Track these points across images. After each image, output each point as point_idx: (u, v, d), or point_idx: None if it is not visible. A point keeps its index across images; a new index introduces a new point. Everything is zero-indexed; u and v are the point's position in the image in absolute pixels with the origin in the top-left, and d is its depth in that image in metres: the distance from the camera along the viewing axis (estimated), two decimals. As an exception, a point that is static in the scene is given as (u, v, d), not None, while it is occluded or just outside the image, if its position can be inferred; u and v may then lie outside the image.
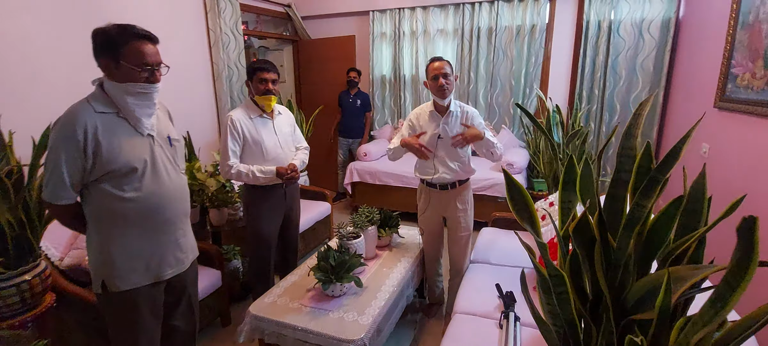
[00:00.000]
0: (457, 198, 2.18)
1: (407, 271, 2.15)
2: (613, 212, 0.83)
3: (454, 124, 2.10)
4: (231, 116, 2.04)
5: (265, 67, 2.07)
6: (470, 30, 4.12)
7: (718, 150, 2.46)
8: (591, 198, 0.81)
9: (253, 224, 2.19)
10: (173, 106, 3.08)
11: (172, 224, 1.48)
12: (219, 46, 3.68)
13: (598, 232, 0.75)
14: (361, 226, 2.19)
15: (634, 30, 3.51)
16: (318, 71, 4.85)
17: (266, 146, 2.11)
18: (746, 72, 2.16)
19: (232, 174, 2.03)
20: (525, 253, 2.25)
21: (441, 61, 2.03)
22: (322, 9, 4.70)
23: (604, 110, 3.71)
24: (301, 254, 3.09)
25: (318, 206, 3.27)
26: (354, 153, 4.40)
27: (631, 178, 0.80)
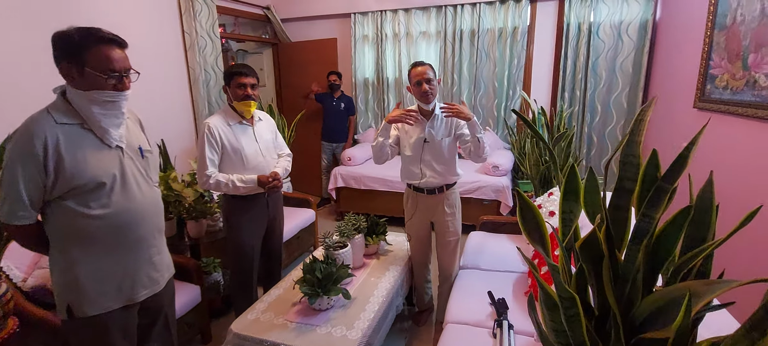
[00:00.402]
0: (445, 202, 2.14)
1: (396, 279, 2.09)
2: (616, 222, 0.79)
3: (439, 127, 2.07)
4: (208, 123, 1.94)
5: (244, 71, 1.97)
6: (453, 32, 4.10)
7: (698, 150, 2.48)
8: (597, 211, 0.77)
9: (234, 236, 2.09)
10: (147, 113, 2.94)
11: (144, 241, 1.38)
12: (195, 49, 3.55)
13: (606, 247, 0.71)
14: (347, 235, 2.12)
15: (613, 32, 3.57)
16: (299, 75, 4.75)
17: (246, 154, 2.01)
18: (725, 73, 2.20)
19: (210, 184, 1.93)
20: (515, 257, 2.25)
21: (423, 65, 1.98)
22: (303, 11, 4.60)
23: (585, 111, 3.75)
24: (285, 264, 2.99)
25: (302, 214, 3.18)
26: (338, 158, 4.32)
27: (637, 187, 0.76)
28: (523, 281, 2.03)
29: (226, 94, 2.04)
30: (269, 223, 2.19)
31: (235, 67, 1.99)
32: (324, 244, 2.01)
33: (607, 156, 3.78)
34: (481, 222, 2.69)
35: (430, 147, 2.05)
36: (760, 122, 1.86)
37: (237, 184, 1.95)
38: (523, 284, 2.00)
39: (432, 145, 2.05)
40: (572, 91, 3.79)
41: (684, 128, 2.63)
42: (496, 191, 3.36)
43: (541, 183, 2.69)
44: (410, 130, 2.10)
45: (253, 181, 1.97)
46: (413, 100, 2.16)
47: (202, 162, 1.93)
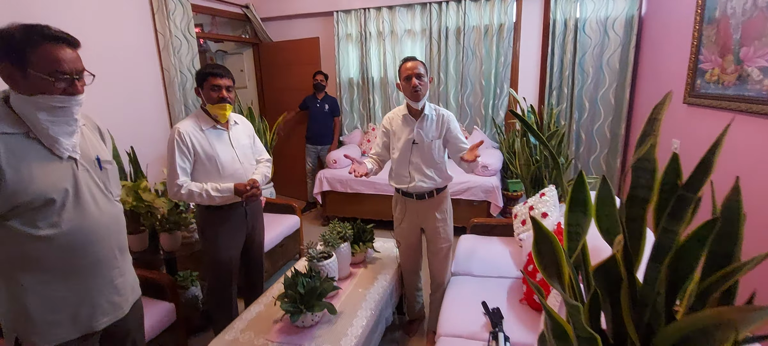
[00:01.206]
0: (436, 208, 2.04)
1: (385, 289, 1.99)
2: (631, 237, 0.70)
3: (429, 129, 1.97)
4: (178, 129, 1.79)
5: (217, 72, 1.83)
6: (438, 30, 4.01)
7: (689, 146, 2.47)
8: (613, 227, 0.67)
9: (210, 250, 1.95)
10: (117, 118, 2.77)
11: (104, 263, 1.24)
12: (169, 50, 3.37)
13: (625, 270, 0.62)
14: (332, 244, 2.00)
15: (599, 28, 3.53)
16: (282, 76, 4.60)
17: (222, 161, 1.87)
18: (715, 67, 2.16)
19: (182, 195, 1.78)
20: (509, 261, 2.15)
21: (414, 61, 1.91)
22: (283, 10, 4.45)
23: (573, 109, 3.71)
24: (269, 274, 2.85)
25: (285, 220, 3.04)
26: (323, 160, 4.18)
27: (654, 196, 0.67)
28: (517, 287, 1.95)
29: (199, 97, 1.89)
30: (248, 234, 2.06)
31: (208, 68, 1.85)
32: (307, 255, 1.89)
33: (594, 154, 3.75)
34: (471, 225, 2.60)
35: (419, 149, 1.95)
36: (756, 117, 1.82)
37: (211, 193, 1.81)
38: (517, 291, 1.91)
39: (421, 147, 1.95)
40: (560, 88, 3.75)
41: (674, 124, 2.59)
42: (485, 192, 3.28)
43: (532, 183, 2.62)
44: (398, 130, 2.00)
45: (229, 190, 1.84)
46: (400, 98, 2.06)
47: (172, 171, 1.79)
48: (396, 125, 2.02)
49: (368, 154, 2.04)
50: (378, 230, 3.67)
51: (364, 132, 4.54)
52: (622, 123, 3.53)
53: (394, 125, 2.03)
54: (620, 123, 3.54)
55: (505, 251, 2.32)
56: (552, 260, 0.66)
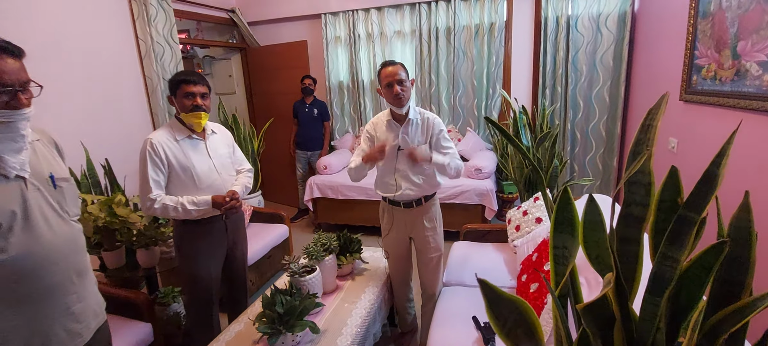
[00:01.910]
0: (424, 216, 1.95)
1: (373, 303, 1.89)
2: (625, 260, 0.61)
3: (414, 134, 1.89)
4: (150, 140, 1.69)
5: (191, 78, 1.74)
6: (428, 30, 3.93)
7: (687, 144, 2.38)
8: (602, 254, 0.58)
9: (187, 267, 1.85)
10: (95, 129, 2.68)
11: (58, 289, 1.14)
12: (151, 57, 3.28)
13: (618, 308, 0.53)
14: (316, 256, 1.90)
15: (592, 25, 3.45)
16: (270, 80, 4.51)
17: (198, 172, 1.77)
18: (712, 63, 2.07)
19: (155, 210, 1.69)
20: (503, 270, 2.05)
21: (394, 65, 1.80)
22: (270, 13, 4.36)
23: (567, 108, 3.63)
24: (256, 286, 2.76)
25: (273, 230, 2.95)
26: (314, 166, 4.09)
27: (650, 215, 0.58)
28: (510, 298, 1.85)
29: (173, 105, 1.80)
30: (229, 248, 1.96)
31: (180, 75, 1.76)
32: (288, 270, 1.79)
33: (591, 154, 3.66)
34: (464, 231, 2.51)
35: (405, 155, 1.84)
36: (756, 114, 1.73)
37: (187, 207, 1.71)
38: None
39: (406, 153, 1.84)
40: (553, 87, 3.67)
41: (671, 122, 2.50)
42: (479, 195, 3.19)
43: (526, 187, 2.53)
44: (383, 136, 1.91)
45: (206, 202, 1.74)
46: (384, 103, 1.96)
47: (145, 184, 1.69)
48: (380, 131, 1.93)
49: (352, 158, 1.95)
50: (370, 237, 3.59)
51: (356, 136, 4.45)
52: (618, 121, 3.45)
53: (378, 131, 1.94)
54: (616, 121, 3.46)
55: (499, 259, 2.24)
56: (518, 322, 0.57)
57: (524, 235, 2.16)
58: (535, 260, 1.71)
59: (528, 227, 2.17)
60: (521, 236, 2.17)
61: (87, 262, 1.28)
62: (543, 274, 1.48)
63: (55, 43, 2.55)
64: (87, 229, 2.09)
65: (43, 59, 2.46)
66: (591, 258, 0.58)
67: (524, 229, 2.18)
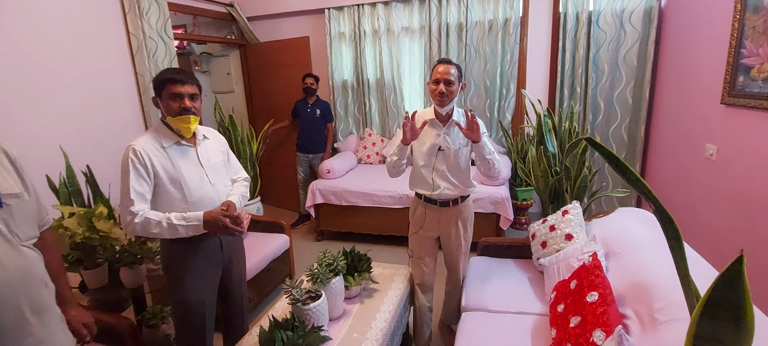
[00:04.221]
0: (458, 216, 1.94)
1: (387, 330, 1.67)
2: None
3: (456, 136, 1.86)
4: (133, 147, 1.47)
5: (177, 77, 1.51)
6: (438, 27, 3.70)
7: (729, 152, 2.16)
8: None
9: (177, 292, 1.62)
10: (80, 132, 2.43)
11: (8, 331, 0.94)
12: (143, 52, 3.06)
13: None
14: (321, 280, 1.68)
15: (615, 21, 3.22)
16: (270, 78, 4.28)
17: (188, 183, 1.55)
18: (765, 62, 1.85)
19: (136, 226, 1.45)
20: (530, 293, 1.78)
21: (447, 64, 1.78)
22: (271, 8, 4.13)
23: (587, 110, 3.41)
24: (254, 304, 2.54)
25: (272, 241, 2.72)
26: (316, 170, 3.86)
27: None
28: (543, 328, 1.63)
29: (158, 108, 1.57)
30: (225, 268, 1.74)
31: (166, 73, 1.52)
32: (289, 296, 1.57)
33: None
34: (482, 246, 2.29)
35: (445, 156, 1.86)
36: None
37: (174, 223, 1.47)
38: (544, 333, 1.60)
39: (447, 154, 1.85)
40: (572, 87, 3.44)
41: (711, 128, 2.28)
42: (494, 203, 2.97)
43: (551, 198, 2.31)
44: (424, 135, 1.89)
45: (197, 219, 1.50)
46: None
47: (126, 197, 1.45)
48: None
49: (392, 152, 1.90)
50: (377, 247, 3.38)
51: (360, 138, 4.23)
52: (641, 125, 3.23)
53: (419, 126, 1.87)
54: (639, 125, 3.24)
55: (523, 278, 2.02)
56: None
57: (552, 253, 1.94)
58: (575, 289, 1.49)
59: (556, 244, 1.95)
60: (549, 255, 1.95)
61: (47, 296, 1.07)
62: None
63: (39, 40, 2.33)
64: (64, 245, 1.87)
65: (21, 54, 2.23)
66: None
67: (552, 246, 1.96)
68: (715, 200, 2.25)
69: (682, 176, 2.62)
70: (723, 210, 2.18)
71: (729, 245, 2.09)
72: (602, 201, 3.31)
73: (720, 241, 2.17)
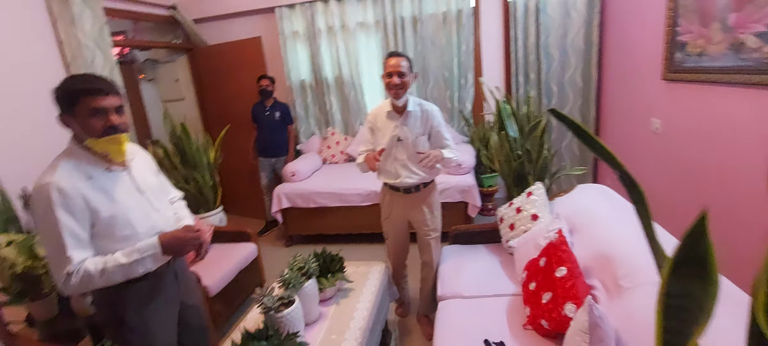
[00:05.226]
0: (423, 201, 2.05)
1: (365, 328, 1.64)
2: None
3: (413, 125, 1.96)
4: (54, 185, 1.13)
5: (95, 86, 1.19)
6: (393, 21, 3.70)
7: (672, 125, 2.32)
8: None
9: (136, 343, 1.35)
10: (17, 150, 2.17)
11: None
12: (80, 62, 2.82)
13: None
14: (293, 285, 1.62)
15: (561, 8, 3.36)
16: (223, 83, 4.09)
17: (133, 216, 1.28)
18: (698, 38, 1.99)
19: (77, 281, 1.14)
20: (502, 276, 1.83)
21: (397, 57, 1.87)
22: (217, 9, 3.95)
23: (541, 94, 3.54)
24: (225, 319, 2.43)
25: (239, 251, 2.61)
26: (279, 174, 3.75)
27: None
28: (517, 307, 1.67)
29: (69, 128, 1.23)
30: (182, 300, 1.51)
31: (77, 82, 1.20)
32: (261, 305, 1.50)
33: (566, 141, 3.60)
34: (453, 234, 2.32)
35: (404, 146, 1.95)
36: (756, 89, 1.65)
37: (125, 262, 1.20)
38: (518, 313, 1.64)
39: (405, 143, 1.95)
40: (526, 73, 3.56)
41: (655, 103, 2.44)
42: (461, 192, 3.01)
43: (515, 182, 2.37)
44: (383, 127, 1.98)
45: (152, 247, 1.26)
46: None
47: (58, 249, 1.13)
48: (380, 121, 2.00)
49: (359, 150, 2.06)
50: (349, 246, 3.33)
51: (323, 138, 4.16)
52: (592, 105, 3.40)
53: (378, 121, 2.01)
54: (590, 105, 3.41)
55: (494, 262, 2.06)
56: None
57: (520, 234, 1.99)
58: (544, 266, 1.54)
59: (523, 225, 2.00)
60: (517, 236, 2.00)
61: None
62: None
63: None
64: (4, 277, 1.69)
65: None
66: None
67: (520, 227, 2.01)
68: (663, 170, 2.41)
69: (631, 150, 2.79)
70: (670, 179, 2.34)
71: (677, 210, 2.24)
72: (562, 180, 3.45)
73: (669, 208, 2.32)
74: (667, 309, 0.47)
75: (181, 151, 3.26)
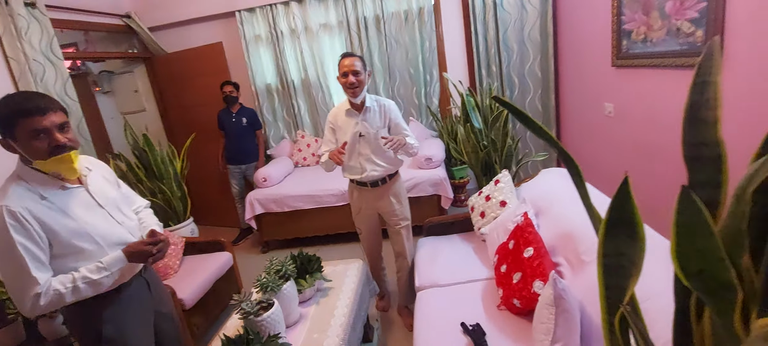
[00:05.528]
0: (390, 192, 2.13)
1: (346, 325, 1.66)
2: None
3: (372, 120, 2.04)
4: (7, 209, 1.10)
5: (32, 106, 1.12)
6: (356, 21, 3.73)
7: (623, 108, 2.47)
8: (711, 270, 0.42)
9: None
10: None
11: None
12: (28, 78, 2.68)
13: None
14: (272, 288, 1.63)
15: (517, 2, 3.49)
16: (185, 91, 3.98)
17: (96, 233, 1.25)
18: (641, 26, 2.14)
19: (46, 302, 1.13)
20: (476, 262, 1.92)
21: (351, 57, 1.96)
22: (174, 16, 3.84)
23: (504, 86, 3.67)
24: (203, 331, 2.38)
25: (214, 260, 2.56)
26: (251, 180, 3.70)
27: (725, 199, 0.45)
28: (491, 290, 1.75)
29: (14, 152, 1.18)
30: (156, 309, 1.50)
31: (11, 103, 1.13)
32: (239, 310, 1.50)
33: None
34: (427, 226, 2.38)
35: (367, 140, 2.02)
36: (691, 71, 1.79)
37: (93, 278, 1.19)
38: (492, 295, 1.71)
39: (368, 138, 2.02)
40: (488, 66, 3.68)
41: (607, 88, 2.59)
42: (433, 185, 3.09)
43: (483, 171, 2.46)
44: (344, 126, 2.05)
45: (118, 260, 1.24)
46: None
47: (21, 272, 1.10)
48: (341, 120, 2.06)
49: (321, 151, 2.13)
50: (325, 248, 3.34)
51: (293, 141, 4.13)
52: (552, 94, 3.55)
53: (339, 120, 2.07)
54: (550, 94, 3.56)
55: (468, 249, 2.14)
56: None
57: (491, 221, 2.08)
58: (513, 248, 1.62)
59: (493, 212, 2.09)
60: (488, 223, 2.08)
61: None
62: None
63: None
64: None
65: None
66: (688, 274, 0.43)
67: (490, 215, 2.10)
68: (618, 151, 2.57)
69: (589, 134, 2.95)
70: (625, 158, 2.50)
71: (634, 186, 2.39)
72: (528, 166, 3.60)
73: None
74: (606, 268, 0.53)
75: (145, 163, 3.16)
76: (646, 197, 2.15)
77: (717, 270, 0.40)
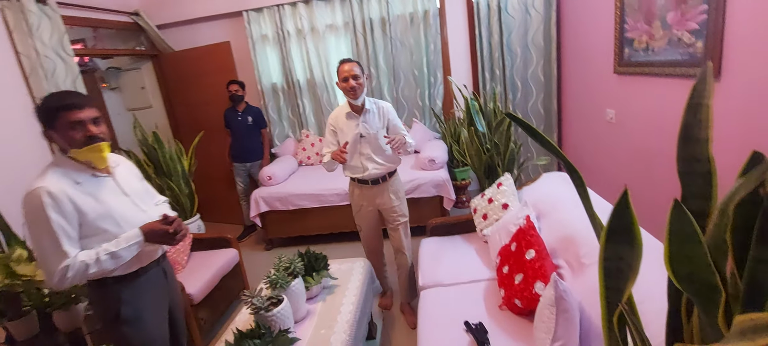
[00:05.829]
0: (390, 189, 2.23)
1: (352, 322, 1.72)
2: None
3: (372, 121, 2.14)
4: (44, 189, 1.23)
5: (72, 102, 1.29)
6: (362, 22, 3.77)
7: (624, 114, 2.52)
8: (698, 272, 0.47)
9: (136, 336, 1.43)
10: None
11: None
12: (39, 74, 2.73)
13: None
14: (281, 284, 1.68)
15: (521, 7, 3.55)
16: (192, 89, 4.03)
17: (121, 215, 1.38)
18: (643, 34, 2.19)
19: (74, 274, 1.25)
20: (478, 263, 1.99)
21: (350, 62, 2.05)
22: (182, 14, 3.89)
23: (507, 89, 3.72)
24: (210, 325, 2.44)
25: (220, 257, 2.62)
26: (256, 179, 3.75)
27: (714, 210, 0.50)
28: (493, 290, 1.80)
29: (53, 142, 1.33)
30: (170, 297, 1.62)
31: (54, 100, 1.30)
32: (250, 306, 1.55)
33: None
34: (431, 227, 2.43)
35: (368, 140, 2.13)
36: (692, 80, 1.85)
37: (113, 250, 1.31)
38: (494, 295, 1.77)
39: (368, 138, 2.12)
40: (492, 70, 3.73)
41: (609, 95, 2.64)
42: (436, 186, 3.14)
43: (486, 174, 2.52)
44: (345, 128, 2.14)
45: (135, 236, 1.36)
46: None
47: (54, 246, 1.23)
48: (341, 122, 2.16)
49: (323, 152, 2.22)
50: (330, 246, 3.39)
51: (298, 140, 4.18)
52: (554, 98, 3.61)
53: (339, 123, 2.16)
54: (552, 99, 3.61)
55: (470, 250, 2.19)
56: None
57: (493, 223, 2.13)
58: (515, 250, 1.67)
59: (495, 214, 2.14)
60: (490, 225, 2.14)
61: None
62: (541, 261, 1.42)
63: None
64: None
65: None
66: (678, 277, 0.48)
67: (492, 217, 2.15)
68: (618, 156, 2.62)
69: (590, 139, 3.00)
70: (625, 164, 2.55)
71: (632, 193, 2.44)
72: (530, 170, 3.65)
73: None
74: (606, 271, 0.59)
75: (154, 160, 3.21)
76: (646, 201, 2.21)
77: (704, 274, 0.45)
